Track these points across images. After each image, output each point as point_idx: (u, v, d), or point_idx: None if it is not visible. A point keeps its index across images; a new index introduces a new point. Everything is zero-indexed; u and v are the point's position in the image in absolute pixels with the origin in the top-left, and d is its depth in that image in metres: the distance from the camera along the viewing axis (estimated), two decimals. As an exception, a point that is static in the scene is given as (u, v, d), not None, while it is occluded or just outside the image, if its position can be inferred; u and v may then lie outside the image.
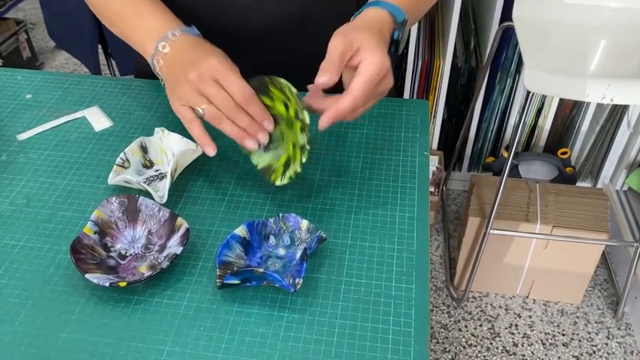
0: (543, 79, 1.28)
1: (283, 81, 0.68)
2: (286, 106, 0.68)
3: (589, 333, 1.66)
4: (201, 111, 0.67)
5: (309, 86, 0.67)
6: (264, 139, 0.68)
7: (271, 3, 0.83)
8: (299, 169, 0.67)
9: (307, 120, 0.66)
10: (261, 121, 0.67)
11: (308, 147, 0.66)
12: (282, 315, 0.61)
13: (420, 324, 0.59)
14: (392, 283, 0.63)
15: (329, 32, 0.74)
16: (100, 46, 1.69)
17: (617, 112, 1.80)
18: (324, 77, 0.64)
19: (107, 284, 0.60)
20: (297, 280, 0.60)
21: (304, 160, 0.67)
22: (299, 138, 0.67)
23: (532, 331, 1.66)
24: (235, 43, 0.79)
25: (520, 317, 1.70)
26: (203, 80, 0.65)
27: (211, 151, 0.68)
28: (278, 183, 0.70)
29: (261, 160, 0.72)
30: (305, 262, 0.61)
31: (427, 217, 0.70)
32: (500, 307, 1.73)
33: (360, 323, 0.60)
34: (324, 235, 0.65)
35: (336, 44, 0.65)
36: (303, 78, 0.80)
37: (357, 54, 0.66)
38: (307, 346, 0.58)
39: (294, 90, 0.67)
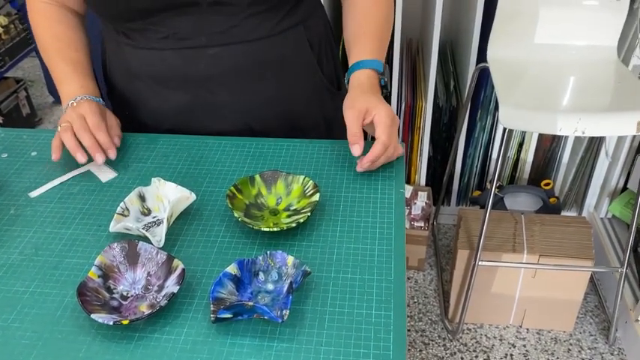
0: (518, 115, 1.35)
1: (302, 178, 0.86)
2: (279, 201, 0.85)
3: (583, 359, 1.69)
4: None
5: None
6: (100, 159, 0.90)
7: (235, 51, 0.94)
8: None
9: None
10: (106, 148, 0.92)
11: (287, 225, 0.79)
12: (271, 345, 0.66)
13: (397, 347, 0.65)
14: (372, 311, 0.69)
15: (288, 73, 0.97)
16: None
17: (595, 144, 1.87)
18: (356, 150, 0.85)
19: (111, 323, 0.66)
20: (284, 312, 0.66)
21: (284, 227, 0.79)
22: (280, 220, 0.82)
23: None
24: (208, 86, 0.97)
25: (515, 347, 1.73)
26: (76, 116, 0.93)
27: (82, 158, 0.90)
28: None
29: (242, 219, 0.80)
30: (291, 295, 0.67)
31: (403, 249, 0.76)
32: (495, 337, 1.76)
33: (344, 349, 0.65)
34: (308, 270, 0.71)
35: (351, 117, 0.86)
36: (269, 115, 1.02)
37: (368, 114, 0.86)
38: (295, 372, 0.63)
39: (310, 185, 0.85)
